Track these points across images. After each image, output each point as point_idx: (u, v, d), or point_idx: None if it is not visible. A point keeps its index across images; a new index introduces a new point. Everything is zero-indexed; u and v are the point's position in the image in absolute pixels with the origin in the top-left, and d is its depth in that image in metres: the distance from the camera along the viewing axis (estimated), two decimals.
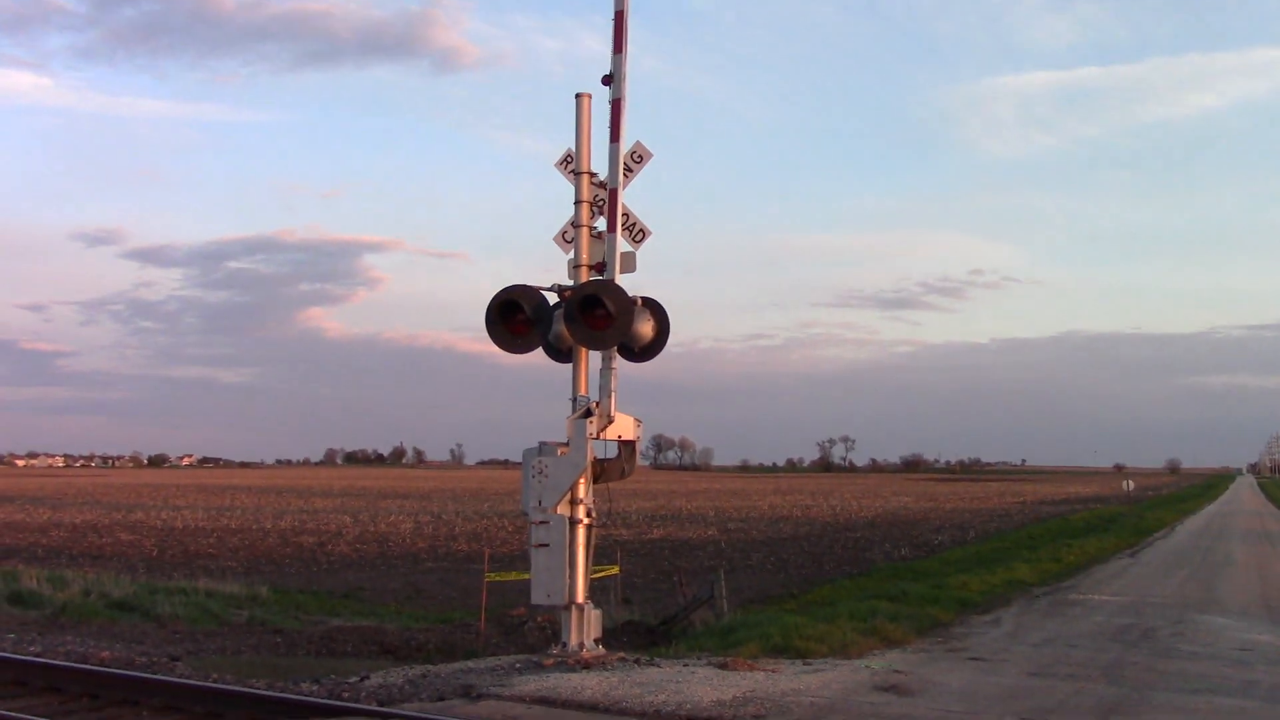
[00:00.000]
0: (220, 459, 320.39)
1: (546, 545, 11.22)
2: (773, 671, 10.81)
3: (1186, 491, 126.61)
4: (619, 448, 11.75)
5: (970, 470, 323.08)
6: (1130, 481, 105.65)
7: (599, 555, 13.71)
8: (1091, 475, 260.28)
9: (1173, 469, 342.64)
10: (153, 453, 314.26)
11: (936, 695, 9.98)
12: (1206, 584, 24.87)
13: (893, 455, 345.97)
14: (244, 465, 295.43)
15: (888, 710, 9.02)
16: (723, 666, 10.98)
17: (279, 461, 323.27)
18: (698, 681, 10.01)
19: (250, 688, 10.18)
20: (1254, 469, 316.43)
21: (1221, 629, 16.84)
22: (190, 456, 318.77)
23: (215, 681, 10.68)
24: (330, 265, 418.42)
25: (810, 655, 12.36)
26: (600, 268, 11.88)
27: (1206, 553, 35.45)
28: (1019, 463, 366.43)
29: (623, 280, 11.66)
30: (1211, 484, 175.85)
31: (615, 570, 20.18)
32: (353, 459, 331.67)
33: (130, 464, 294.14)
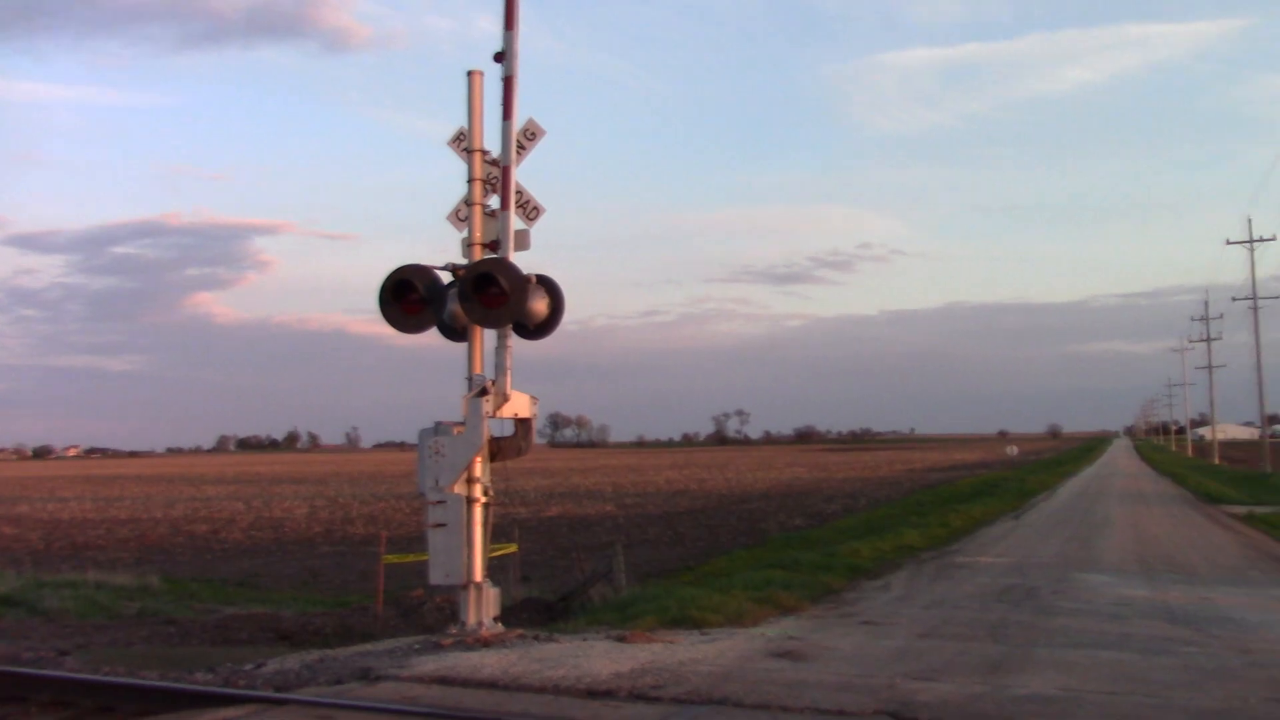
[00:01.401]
0: (108, 449, 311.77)
1: (444, 525, 11.21)
2: (670, 642, 10.98)
3: (1066, 455, 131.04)
4: (515, 426, 11.77)
5: (861, 440, 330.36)
6: (1014, 447, 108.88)
7: (497, 534, 13.75)
8: (977, 441, 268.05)
9: (1054, 433, 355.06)
10: (36, 444, 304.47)
11: (829, 659, 10.24)
12: (1085, 544, 25.82)
13: (786, 427, 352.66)
14: (133, 455, 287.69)
15: (782, 676, 9.24)
16: (621, 639, 11.12)
17: (169, 450, 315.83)
18: (596, 655, 10.12)
19: (142, 679, 10.00)
20: (1130, 431, 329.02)
21: (1100, 586, 17.54)
22: (76, 447, 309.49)
23: (106, 674, 10.46)
24: (219, 249, 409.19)
25: (707, 625, 12.57)
26: (494, 246, 11.86)
27: (1085, 514, 36.78)
28: (908, 431, 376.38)
29: (517, 258, 11.66)
30: (1090, 447, 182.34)
31: (513, 548, 20.21)
32: (246, 445, 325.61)
33: (13, 456, 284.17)
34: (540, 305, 11.79)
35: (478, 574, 11.38)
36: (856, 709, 8.01)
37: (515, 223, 11.82)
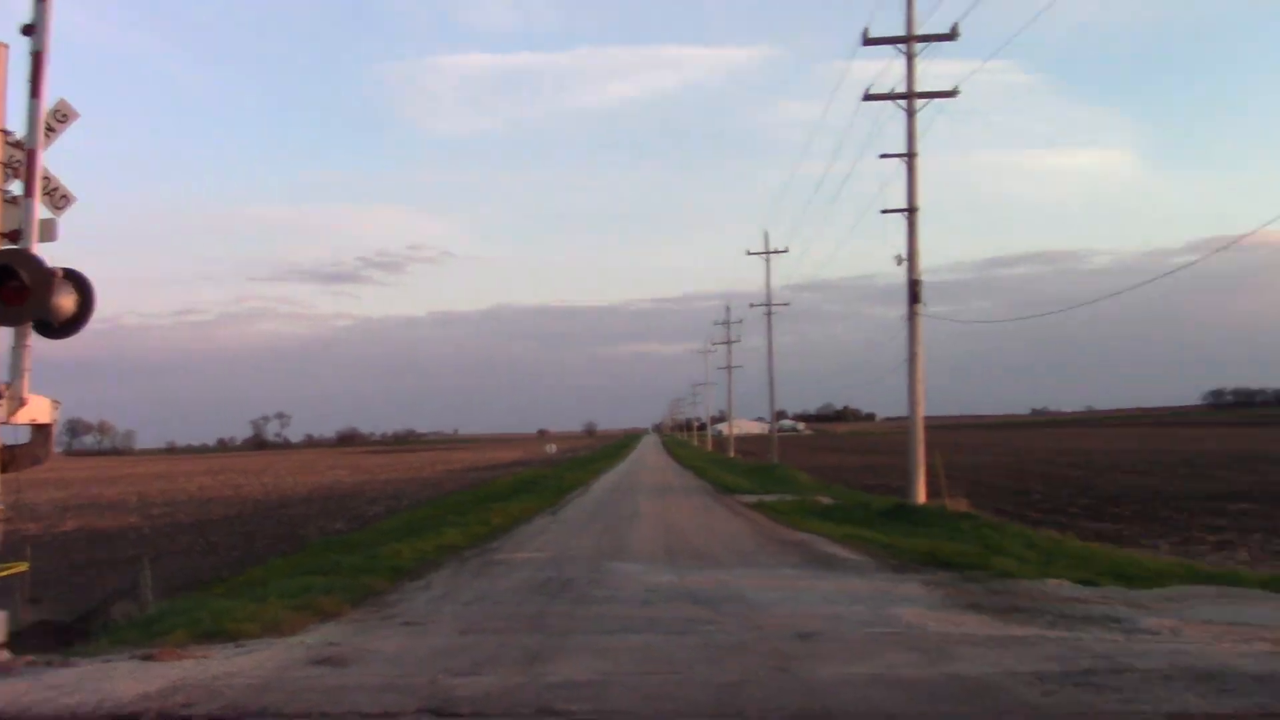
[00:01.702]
0: None
1: None
2: (203, 657, 10.57)
3: (601, 452, 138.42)
4: (33, 432, 10.83)
5: (405, 441, 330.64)
6: (553, 445, 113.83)
7: (5, 552, 12.58)
8: (518, 440, 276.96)
9: (590, 431, 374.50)
10: None
11: (371, 662, 10.31)
12: (618, 536, 27.37)
13: (329, 430, 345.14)
14: None
15: (323, 682, 9.20)
16: (148, 658, 10.54)
17: None
18: (120, 676, 9.54)
19: None
20: (658, 428, 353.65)
21: (630, 575, 18.70)
22: None
23: None
24: None
25: (243, 637, 12.19)
26: (15, 236, 10.82)
27: (617, 507, 39.00)
28: (452, 431, 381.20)
29: (42, 249, 10.72)
30: (623, 444, 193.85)
31: (23, 567, 18.44)
32: None
33: None
34: (67, 302, 10.92)
35: None
36: (399, 709, 8.17)
37: (41, 211, 10.87)
